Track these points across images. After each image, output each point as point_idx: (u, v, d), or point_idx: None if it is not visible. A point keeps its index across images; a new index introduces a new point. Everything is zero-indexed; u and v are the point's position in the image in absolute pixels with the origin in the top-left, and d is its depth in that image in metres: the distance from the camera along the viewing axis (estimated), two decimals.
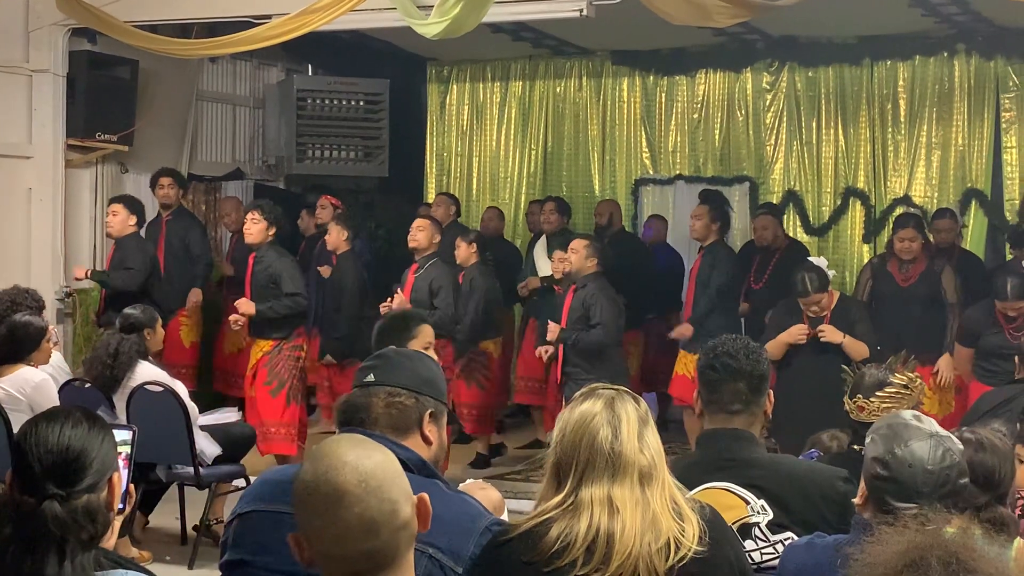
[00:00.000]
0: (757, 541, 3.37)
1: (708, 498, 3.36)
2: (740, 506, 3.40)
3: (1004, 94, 9.71)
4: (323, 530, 2.13)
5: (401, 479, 2.20)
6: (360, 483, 2.12)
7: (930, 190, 9.96)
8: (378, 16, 7.81)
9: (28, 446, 2.30)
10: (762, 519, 3.38)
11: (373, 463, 2.16)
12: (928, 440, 2.85)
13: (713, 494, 3.39)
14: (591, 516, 2.56)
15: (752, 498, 3.39)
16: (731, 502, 3.39)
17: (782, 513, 3.38)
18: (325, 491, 2.12)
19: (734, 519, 3.34)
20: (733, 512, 3.37)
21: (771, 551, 3.36)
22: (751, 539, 3.37)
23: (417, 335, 4.50)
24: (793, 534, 3.35)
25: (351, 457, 2.15)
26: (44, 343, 6.26)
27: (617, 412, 2.64)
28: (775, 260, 8.89)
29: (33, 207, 8.93)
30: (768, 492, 3.40)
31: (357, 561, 2.13)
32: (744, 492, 3.41)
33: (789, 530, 3.36)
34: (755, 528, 3.38)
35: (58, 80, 8.89)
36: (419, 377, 2.86)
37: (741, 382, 3.54)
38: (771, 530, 3.38)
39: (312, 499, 2.13)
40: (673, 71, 10.83)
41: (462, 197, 11.46)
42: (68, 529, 2.24)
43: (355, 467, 2.13)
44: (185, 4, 8.44)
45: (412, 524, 2.19)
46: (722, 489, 3.42)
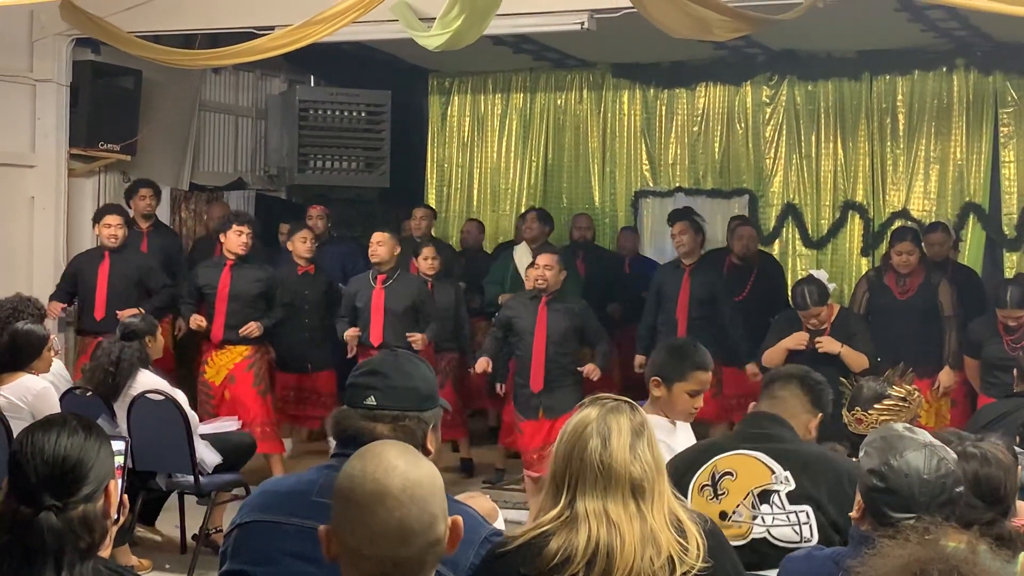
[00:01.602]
0: (773, 507, 3.56)
1: (740, 463, 3.66)
2: (765, 474, 3.61)
3: (1002, 109, 9.75)
4: (358, 528, 2.13)
5: (442, 496, 2.20)
6: (405, 489, 2.12)
7: (928, 204, 9.99)
8: (380, 28, 7.82)
9: (24, 456, 2.29)
10: (783, 488, 3.56)
11: (422, 473, 2.18)
12: (923, 450, 2.87)
13: (743, 459, 3.67)
14: (589, 529, 2.55)
15: (778, 468, 3.60)
16: (759, 469, 3.62)
17: (807, 486, 3.57)
18: (370, 488, 2.13)
19: (758, 484, 3.58)
20: (758, 478, 3.61)
21: (783, 519, 3.54)
22: (768, 504, 3.56)
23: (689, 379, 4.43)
24: (810, 507, 3.52)
25: (402, 463, 2.16)
26: (45, 351, 6.26)
27: (608, 422, 2.63)
28: (755, 273, 8.86)
29: (36, 215, 8.95)
30: (794, 465, 3.60)
31: (384, 565, 2.13)
32: (771, 462, 3.61)
33: (807, 504, 3.53)
34: (775, 495, 3.57)
35: (61, 89, 8.93)
36: (420, 395, 2.85)
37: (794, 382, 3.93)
38: (789, 499, 3.55)
39: (355, 494, 2.14)
40: (673, 84, 10.87)
41: (462, 208, 11.50)
42: (65, 540, 2.24)
43: (404, 473, 2.14)
44: (188, 15, 8.47)
45: (443, 543, 2.19)
46: (753, 457, 3.65)
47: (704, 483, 3.68)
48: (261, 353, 8.29)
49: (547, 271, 7.69)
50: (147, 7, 8.10)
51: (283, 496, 2.82)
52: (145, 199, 9.18)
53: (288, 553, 2.72)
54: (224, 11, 8.43)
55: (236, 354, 8.13)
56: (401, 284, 8.23)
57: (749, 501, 3.60)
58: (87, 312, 8.47)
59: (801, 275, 9.10)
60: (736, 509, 3.60)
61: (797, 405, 3.89)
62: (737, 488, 3.63)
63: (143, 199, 9.17)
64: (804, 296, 7.15)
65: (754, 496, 3.60)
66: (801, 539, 3.53)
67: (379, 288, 8.18)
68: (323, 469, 2.82)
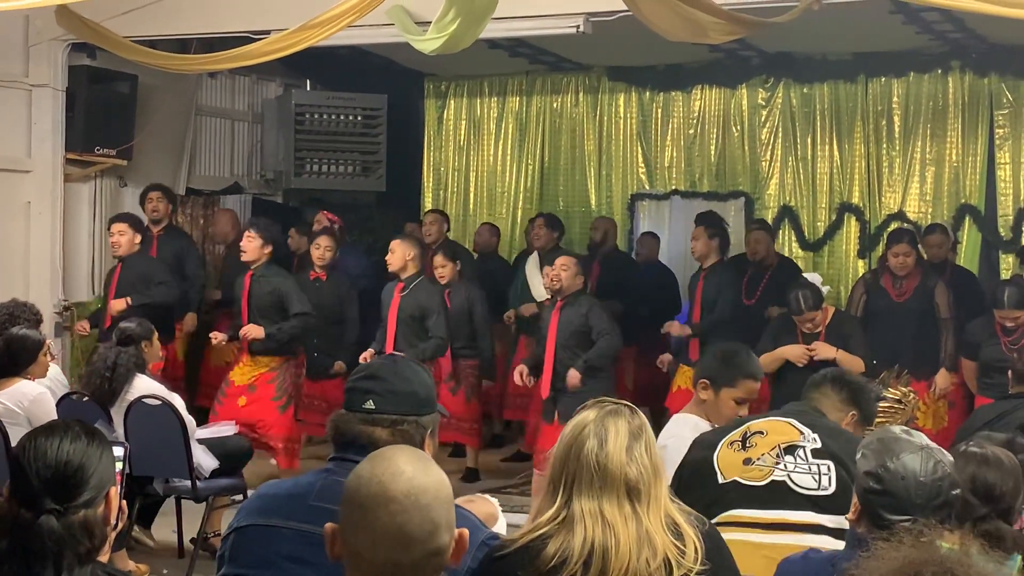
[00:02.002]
0: (797, 458, 3.67)
1: (772, 425, 3.81)
2: (795, 434, 3.75)
3: (998, 111, 9.76)
4: (360, 530, 2.13)
5: (450, 507, 2.19)
6: (409, 495, 2.12)
7: (924, 206, 10.01)
8: (376, 32, 7.82)
9: (26, 460, 2.30)
10: (809, 445, 3.69)
11: (429, 481, 2.16)
12: (919, 453, 2.88)
13: (777, 423, 3.81)
14: (585, 530, 2.56)
15: (808, 431, 3.74)
16: (789, 430, 3.76)
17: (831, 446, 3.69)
18: (374, 491, 2.13)
19: (785, 441, 3.72)
20: (788, 435, 3.75)
21: (805, 468, 3.65)
22: (792, 455, 3.68)
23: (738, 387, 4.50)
24: (832, 463, 3.63)
25: (410, 469, 2.16)
26: (41, 356, 6.26)
27: (606, 424, 2.65)
28: (768, 277, 8.90)
29: (32, 221, 8.95)
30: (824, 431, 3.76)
31: (383, 570, 2.12)
32: (803, 427, 3.76)
33: (831, 459, 3.64)
34: (800, 450, 3.70)
35: (57, 94, 8.93)
36: (418, 399, 2.85)
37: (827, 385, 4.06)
38: (814, 455, 3.67)
39: (359, 496, 2.14)
40: (669, 87, 10.88)
41: (459, 212, 11.51)
42: (65, 544, 2.25)
43: (410, 479, 2.14)
44: (184, 20, 8.48)
45: (445, 554, 2.17)
46: (785, 422, 3.80)
47: (735, 439, 3.79)
48: (287, 367, 8.06)
49: (562, 271, 7.63)
50: (143, 12, 8.10)
51: (281, 500, 2.82)
52: (152, 202, 9.22)
53: (285, 557, 2.72)
54: (220, 15, 8.44)
55: (263, 365, 7.99)
56: (415, 292, 8.16)
57: (774, 452, 3.71)
58: (102, 324, 8.51)
59: None
60: (760, 456, 3.71)
61: (828, 404, 4.00)
62: (765, 442, 3.75)
63: (150, 203, 9.22)
64: (798, 300, 7.16)
65: (780, 448, 3.72)
66: (819, 487, 3.63)
67: (397, 296, 8.17)
68: (321, 473, 2.83)
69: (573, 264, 7.72)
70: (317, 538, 2.61)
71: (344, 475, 2.67)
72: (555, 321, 7.67)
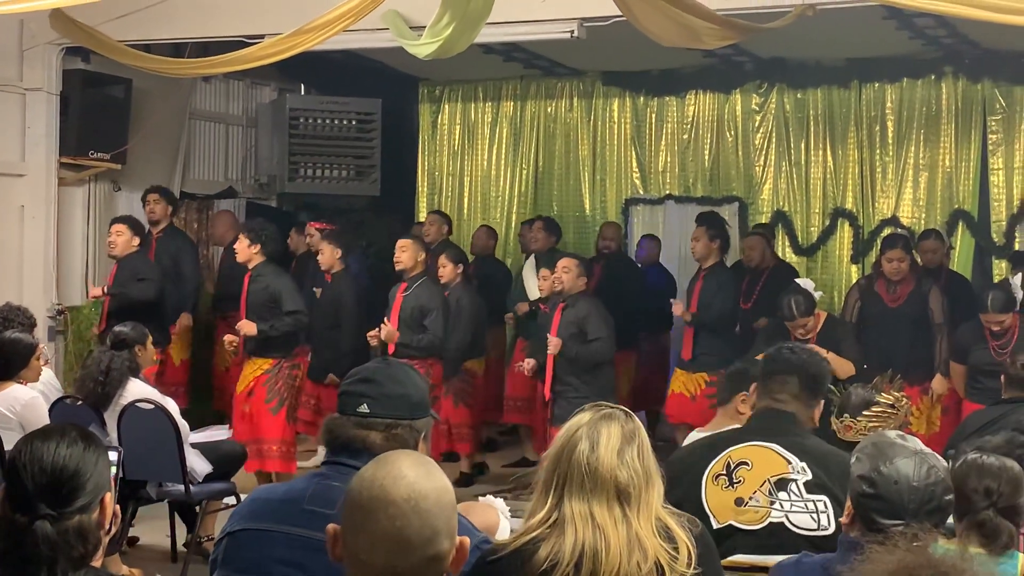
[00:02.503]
0: (791, 495, 3.58)
1: (756, 453, 3.67)
2: (782, 463, 3.63)
3: (991, 116, 9.79)
4: (359, 532, 2.12)
5: (452, 514, 2.18)
6: (408, 500, 2.10)
7: (918, 211, 10.03)
8: (371, 36, 7.83)
9: (22, 463, 2.29)
10: (800, 478, 3.59)
11: (431, 487, 2.14)
12: (913, 457, 2.88)
13: (760, 451, 3.68)
14: (575, 532, 2.57)
15: (795, 459, 3.62)
16: (775, 459, 3.64)
17: (822, 476, 3.58)
18: (374, 494, 2.11)
19: (775, 473, 3.60)
20: (775, 467, 3.63)
21: (801, 506, 3.56)
22: (785, 492, 3.59)
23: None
24: (827, 498, 3.54)
25: (412, 473, 2.14)
26: (33, 360, 6.24)
27: (599, 427, 2.65)
28: (763, 281, 8.91)
29: (26, 224, 8.95)
30: (810, 457, 3.62)
31: (379, 573, 2.11)
32: (788, 453, 3.64)
33: (825, 494, 3.55)
34: (792, 484, 3.60)
35: (51, 98, 8.93)
36: (411, 403, 2.85)
37: (793, 376, 3.84)
38: (807, 489, 3.57)
39: (359, 498, 2.13)
40: (663, 92, 10.90)
41: (453, 216, 11.50)
42: (59, 549, 2.24)
43: (411, 484, 2.12)
44: (178, 23, 8.47)
45: (444, 561, 2.15)
46: (768, 448, 3.67)
47: (719, 472, 3.69)
48: (281, 367, 8.00)
49: (564, 273, 7.64)
50: (137, 16, 8.10)
51: (274, 504, 2.82)
52: (149, 204, 9.25)
53: (278, 561, 2.72)
54: (214, 20, 8.44)
55: (258, 367, 8.00)
56: (417, 292, 8.24)
57: (766, 488, 3.62)
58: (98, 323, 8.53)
59: None
60: (753, 495, 3.62)
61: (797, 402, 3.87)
62: (753, 477, 3.65)
63: (147, 204, 9.27)
64: (791, 307, 7.17)
65: (771, 484, 3.62)
66: (818, 526, 3.56)
67: (400, 295, 8.24)
68: (314, 477, 2.84)
69: (575, 266, 7.73)
70: (310, 542, 2.65)
71: (338, 479, 2.70)
72: (556, 323, 7.69)
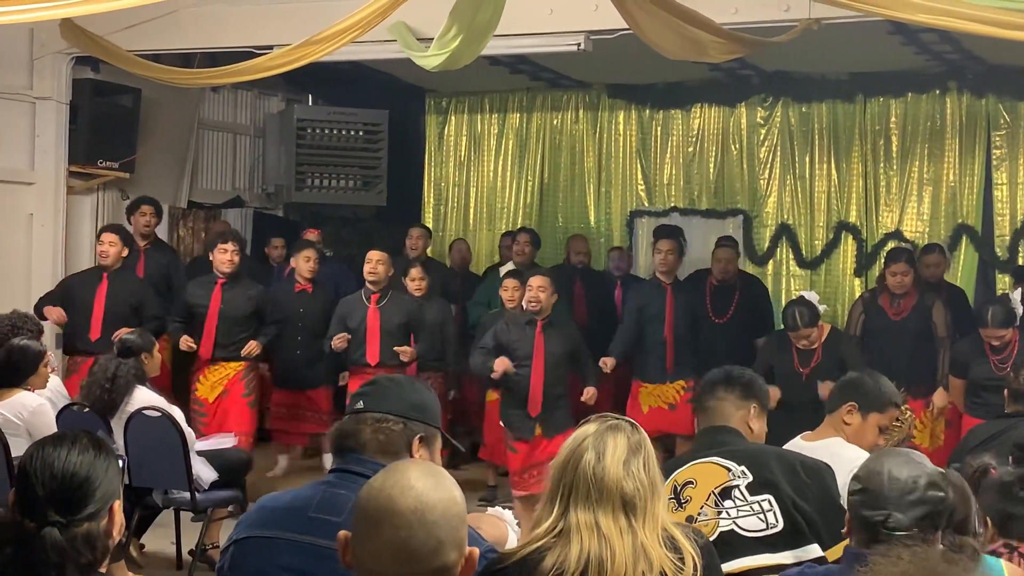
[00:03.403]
0: (736, 500, 3.66)
1: (698, 471, 3.77)
2: (723, 473, 3.72)
3: (995, 131, 9.82)
4: (365, 541, 2.13)
5: (460, 525, 2.17)
6: (415, 511, 2.10)
7: (921, 225, 10.05)
8: (378, 48, 7.84)
9: (33, 470, 2.30)
10: (742, 482, 3.67)
11: (438, 498, 2.14)
12: (901, 456, 2.92)
13: (702, 467, 3.77)
14: (581, 541, 2.58)
15: (734, 465, 3.70)
16: (716, 471, 3.72)
17: (761, 473, 3.67)
18: (382, 504, 2.12)
19: (718, 484, 3.69)
20: (718, 478, 3.72)
21: (747, 509, 3.64)
22: (731, 499, 3.67)
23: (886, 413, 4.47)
24: (770, 495, 3.62)
25: (420, 485, 2.14)
26: (41, 367, 6.26)
27: (605, 438, 2.67)
28: (737, 295, 8.79)
29: (34, 232, 8.98)
30: (748, 458, 3.73)
31: None
32: (727, 462, 3.72)
33: (768, 491, 3.64)
34: (735, 490, 3.67)
35: (61, 107, 8.98)
36: (407, 403, 2.88)
37: (720, 388, 3.96)
38: (750, 491, 3.66)
39: (366, 507, 2.14)
40: (668, 105, 10.94)
41: (459, 227, 11.57)
42: (67, 556, 2.25)
43: (418, 495, 2.12)
44: (188, 34, 8.52)
45: (452, 572, 2.14)
46: (709, 462, 3.75)
47: (667, 497, 3.67)
48: (254, 367, 8.34)
49: (540, 293, 7.57)
50: (147, 26, 8.14)
51: (280, 512, 2.82)
52: (145, 216, 9.18)
53: (284, 568, 2.72)
54: (223, 30, 8.48)
55: (230, 370, 8.17)
56: (394, 303, 8.29)
57: (712, 500, 3.67)
58: (80, 332, 8.32)
59: (795, 295, 9.11)
60: (701, 510, 3.67)
61: (728, 407, 3.93)
62: (699, 493, 3.70)
63: (143, 216, 9.17)
64: (795, 317, 7.19)
65: (715, 495, 3.68)
66: (767, 526, 3.61)
67: (373, 307, 8.20)
68: (320, 485, 2.85)
69: (548, 284, 7.68)
70: (316, 550, 2.66)
71: (344, 487, 2.72)
72: (540, 344, 7.59)
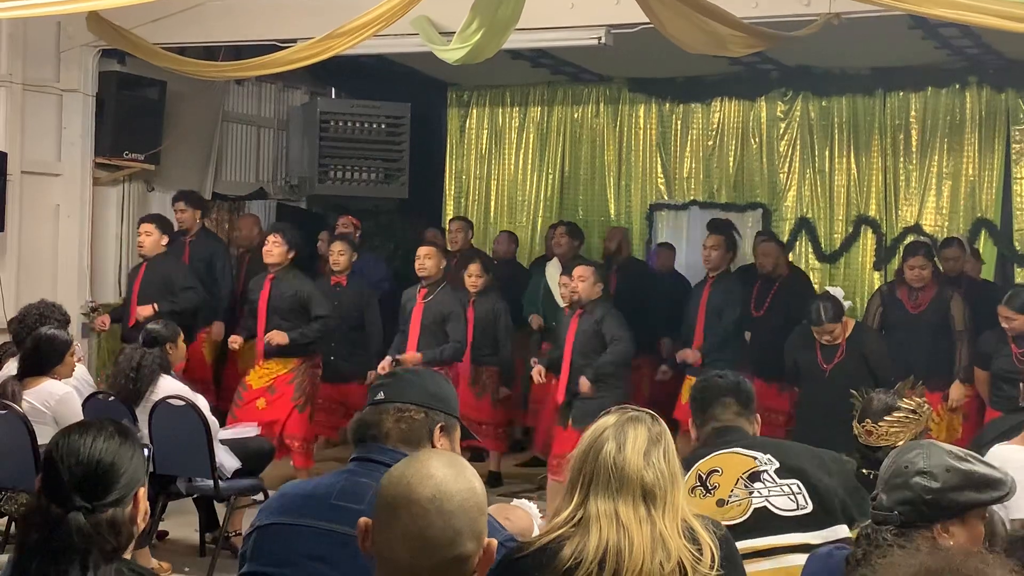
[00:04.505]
0: (766, 483, 3.69)
1: (722, 460, 3.77)
2: (749, 460, 3.75)
3: (1015, 126, 9.82)
4: (384, 528, 2.15)
5: (479, 516, 2.17)
6: (433, 500, 2.11)
7: (940, 219, 10.05)
8: (400, 41, 7.88)
9: (59, 456, 2.34)
10: (770, 467, 3.71)
11: (457, 488, 2.14)
12: (923, 447, 2.90)
13: (725, 456, 3.79)
14: (600, 531, 2.60)
15: (759, 454, 3.75)
16: (741, 459, 3.76)
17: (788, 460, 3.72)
18: (401, 492, 2.13)
19: (746, 469, 3.72)
20: (744, 464, 3.74)
21: (778, 490, 3.67)
22: (760, 482, 3.70)
23: None
24: (799, 480, 3.67)
25: (440, 474, 2.15)
26: (68, 357, 6.34)
27: (626, 428, 2.69)
28: (776, 288, 8.83)
29: (61, 223, 9.05)
30: (771, 447, 3.79)
31: (401, 570, 2.12)
32: (750, 451, 3.77)
33: (796, 476, 3.69)
34: (764, 474, 3.71)
35: (87, 100, 9.04)
36: (427, 392, 2.92)
37: (729, 396, 3.95)
38: (778, 475, 3.70)
39: (386, 495, 2.16)
40: (689, 99, 10.95)
41: (480, 220, 11.59)
42: (92, 541, 2.28)
43: (437, 484, 2.13)
44: (213, 27, 8.56)
45: (470, 562, 2.15)
46: (732, 452, 3.78)
47: (693, 485, 3.75)
48: (306, 367, 8.17)
49: (580, 282, 7.63)
50: (172, 19, 8.20)
51: (302, 499, 2.87)
52: (176, 213, 9.24)
53: (306, 555, 2.76)
54: (248, 23, 8.52)
55: (281, 366, 8.08)
56: (439, 299, 8.24)
57: (741, 483, 3.70)
58: (125, 322, 8.53)
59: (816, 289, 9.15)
60: (731, 493, 3.70)
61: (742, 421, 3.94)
62: (726, 479, 3.73)
63: (176, 212, 9.25)
64: (819, 312, 7.18)
65: (744, 479, 3.71)
66: (797, 506, 3.65)
67: (420, 303, 8.23)
68: (342, 473, 2.88)
69: (591, 274, 7.71)
70: (338, 536, 2.70)
71: (365, 476, 2.77)
72: (573, 329, 7.73)
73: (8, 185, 8.49)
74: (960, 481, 2.83)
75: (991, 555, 2.18)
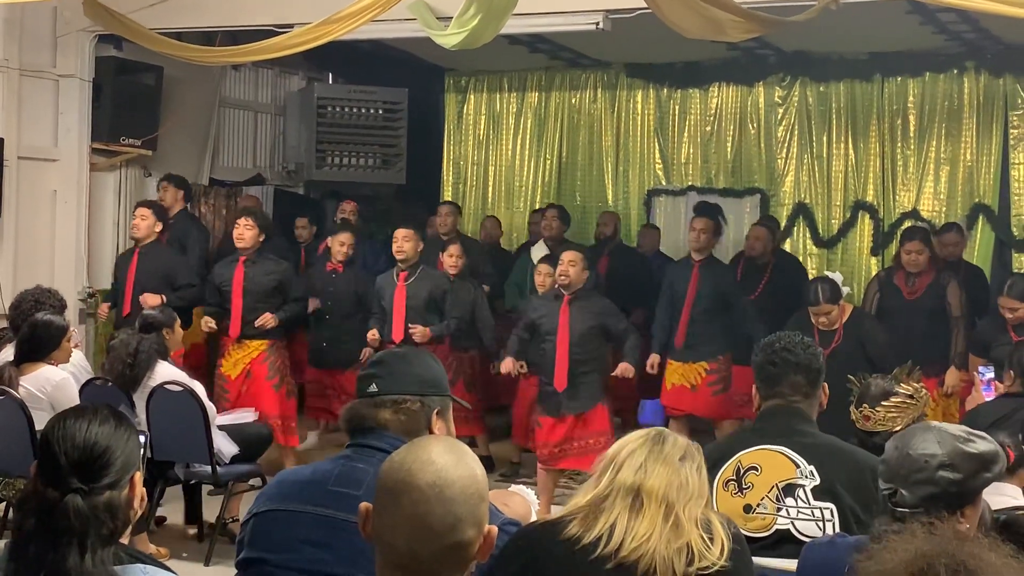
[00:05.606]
0: (798, 501, 3.60)
1: (765, 457, 3.68)
2: (790, 468, 3.64)
3: (1012, 111, 9.82)
4: (383, 513, 2.15)
5: (480, 503, 2.16)
6: (433, 486, 2.10)
7: (938, 204, 10.06)
8: (398, 26, 7.87)
9: (55, 439, 2.34)
10: (808, 484, 3.60)
11: (458, 475, 2.13)
12: (929, 432, 2.87)
13: (769, 454, 3.68)
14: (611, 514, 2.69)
15: (803, 463, 3.63)
16: (783, 464, 3.65)
17: (831, 481, 3.59)
18: (401, 478, 2.12)
19: (783, 478, 3.61)
20: (783, 472, 3.64)
21: (808, 514, 3.57)
22: (792, 497, 3.60)
23: None
24: (834, 505, 3.55)
25: (441, 461, 2.14)
26: (65, 342, 6.35)
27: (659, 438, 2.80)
28: (768, 272, 8.82)
29: (58, 209, 9.05)
30: (818, 458, 3.63)
31: (401, 556, 2.12)
32: (796, 456, 3.65)
33: (832, 501, 3.56)
34: (800, 490, 3.61)
35: (84, 85, 9.01)
36: (421, 379, 2.92)
37: (800, 375, 3.83)
38: (814, 495, 3.59)
39: (386, 480, 2.15)
40: (687, 84, 10.96)
41: (477, 205, 11.61)
42: (89, 524, 2.28)
43: (438, 470, 2.12)
44: (209, 12, 8.55)
45: (470, 549, 2.14)
46: (777, 451, 3.68)
47: (729, 478, 3.71)
48: (277, 347, 8.23)
49: (571, 267, 7.50)
50: (169, 4, 8.18)
51: (300, 485, 2.87)
52: (159, 192, 9.30)
53: (304, 540, 2.77)
54: (244, 8, 8.51)
55: (253, 348, 8.14)
56: (422, 280, 8.23)
57: (774, 494, 3.64)
58: (119, 309, 8.52)
59: (812, 275, 9.14)
60: (760, 502, 3.64)
61: (806, 401, 3.86)
62: (762, 482, 3.66)
63: (160, 191, 9.31)
64: (816, 292, 7.16)
65: (779, 489, 3.63)
66: (823, 535, 3.53)
67: (400, 285, 8.21)
68: (339, 460, 2.89)
69: (580, 259, 7.60)
70: (335, 522, 2.72)
71: (363, 461, 2.78)
72: (566, 317, 7.54)
73: (5, 171, 8.47)
74: (976, 466, 2.84)
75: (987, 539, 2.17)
